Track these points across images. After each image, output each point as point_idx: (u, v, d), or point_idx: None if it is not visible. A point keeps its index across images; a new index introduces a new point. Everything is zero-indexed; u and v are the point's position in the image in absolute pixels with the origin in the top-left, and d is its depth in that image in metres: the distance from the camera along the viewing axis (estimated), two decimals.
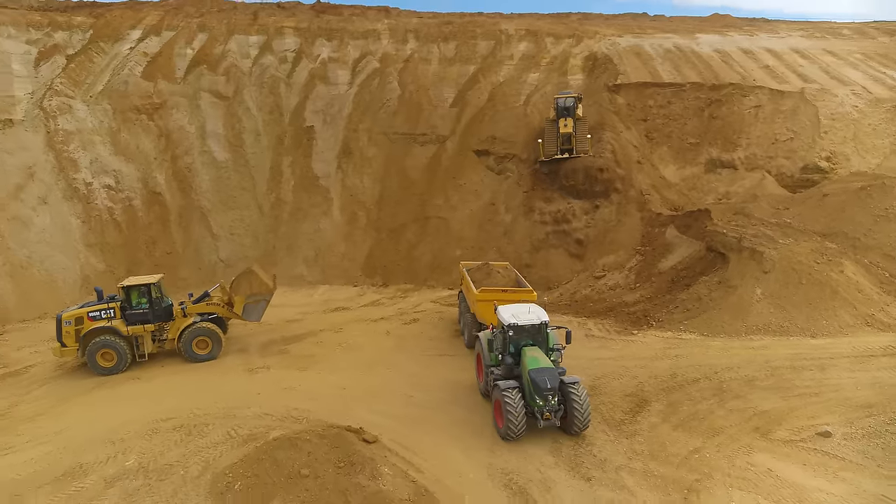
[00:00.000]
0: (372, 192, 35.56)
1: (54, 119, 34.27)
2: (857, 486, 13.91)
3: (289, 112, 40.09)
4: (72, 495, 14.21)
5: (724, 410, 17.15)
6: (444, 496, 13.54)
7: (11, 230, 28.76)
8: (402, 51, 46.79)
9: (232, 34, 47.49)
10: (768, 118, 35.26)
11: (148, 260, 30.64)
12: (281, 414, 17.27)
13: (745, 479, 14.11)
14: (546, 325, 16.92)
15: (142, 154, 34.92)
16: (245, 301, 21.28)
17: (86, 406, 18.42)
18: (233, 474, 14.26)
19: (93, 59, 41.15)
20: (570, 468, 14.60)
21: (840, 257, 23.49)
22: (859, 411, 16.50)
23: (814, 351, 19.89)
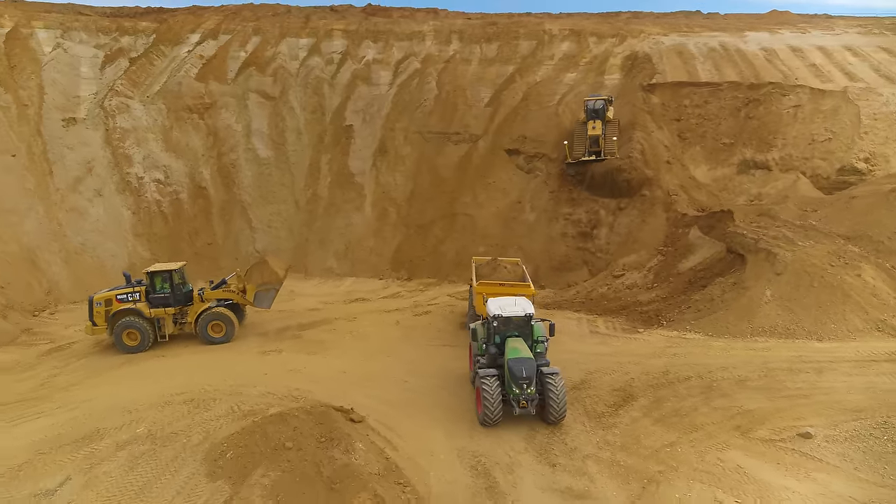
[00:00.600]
0: (404, 189, 36.69)
1: (113, 118, 36.98)
2: (826, 486, 13.92)
3: (331, 111, 41.73)
4: (86, 455, 15.80)
5: (709, 408, 17.29)
6: (411, 472, 14.40)
7: (69, 220, 31.41)
8: (444, 52, 47.78)
9: (284, 37, 49.66)
10: (807, 118, 34.30)
11: (190, 249, 32.78)
12: (282, 393, 18.51)
13: (710, 473, 14.34)
14: (530, 317, 17.50)
15: (190, 150, 37.23)
16: (256, 289, 22.76)
17: (113, 379, 20.23)
18: (227, 444, 15.52)
19: (153, 62, 43.96)
20: (539, 454, 15.18)
21: (859, 261, 22.95)
22: (846, 415, 16.33)
23: (815, 354, 19.64)
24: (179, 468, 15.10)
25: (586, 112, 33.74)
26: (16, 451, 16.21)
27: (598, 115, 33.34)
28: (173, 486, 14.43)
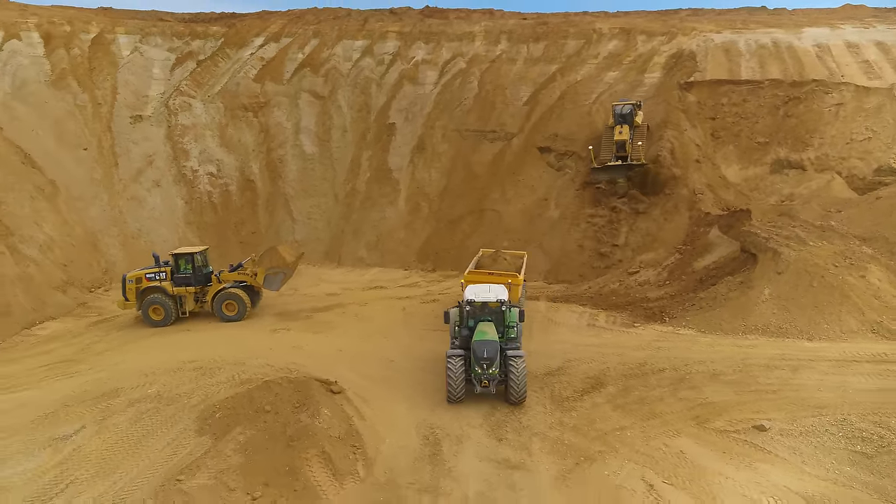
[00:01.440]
0: (437, 185, 38.05)
1: (175, 115, 40.33)
2: (764, 476, 14.23)
3: (376, 110, 43.62)
4: (102, 409, 18.09)
5: (674, 398, 17.73)
6: (368, 437, 15.77)
7: (129, 207, 34.72)
8: (491, 51, 48.77)
9: (340, 39, 52.07)
10: (848, 116, 33.14)
11: (235, 238, 35.46)
12: (280, 366, 20.30)
13: (649, 456, 14.93)
14: (502, 303, 18.47)
15: (242, 146, 40.06)
16: (266, 273, 24.76)
17: (139, 348, 22.71)
18: (219, 406, 17.40)
19: (217, 64, 47.32)
20: (491, 430, 16.20)
21: (867, 262, 22.45)
22: (808, 411, 16.41)
23: (799, 353, 19.56)
24: (175, 424, 17.09)
25: (614, 117, 33.97)
26: (48, 402, 18.74)
27: (625, 120, 33.47)
28: (166, 438, 16.40)
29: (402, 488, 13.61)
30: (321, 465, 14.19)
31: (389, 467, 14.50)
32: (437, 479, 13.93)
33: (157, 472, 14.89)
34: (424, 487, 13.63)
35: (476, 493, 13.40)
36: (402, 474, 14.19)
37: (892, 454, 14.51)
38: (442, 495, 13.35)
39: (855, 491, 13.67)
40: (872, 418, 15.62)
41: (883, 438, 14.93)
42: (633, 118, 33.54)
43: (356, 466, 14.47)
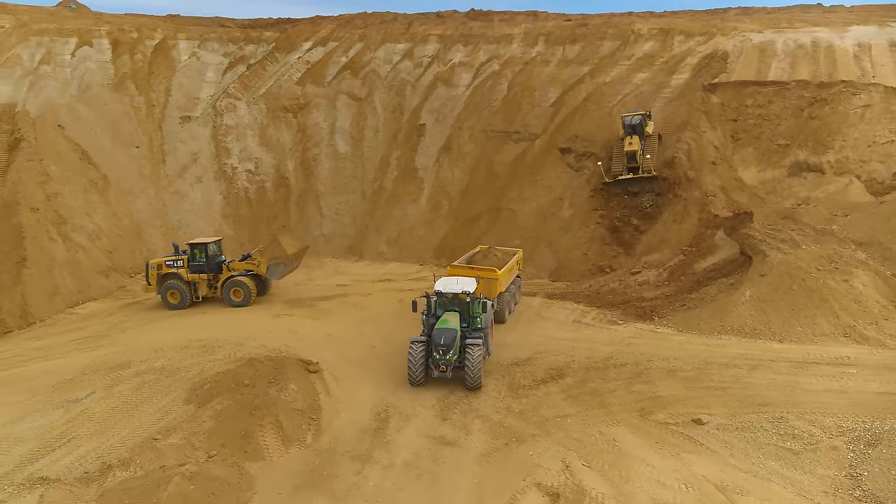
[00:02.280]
0: (459, 184, 39.33)
1: (221, 116, 43.32)
2: (687, 466, 14.90)
3: (409, 111, 45.31)
4: (112, 378, 20.43)
5: (625, 391, 18.45)
6: (327, 411, 17.40)
7: (172, 201, 37.76)
8: (527, 53, 49.56)
9: (384, 42, 54.08)
10: (874, 118, 32.19)
11: (266, 231, 37.84)
12: (273, 347, 22.17)
13: (579, 441, 15.83)
14: (467, 294, 19.65)
15: (280, 145, 42.60)
16: (268, 263, 26.80)
17: (157, 328, 25.14)
18: (209, 380, 19.41)
19: (265, 68, 50.21)
20: (440, 410, 17.48)
21: (855, 266, 22.26)
22: (750, 407, 16.84)
23: (763, 353, 19.81)
24: (169, 393, 19.20)
25: (624, 128, 33.97)
26: (69, 370, 21.31)
27: (634, 131, 33.39)
28: (159, 405, 18.52)
29: (338, 455, 15.10)
30: (273, 431, 15.88)
31: (335, 437, 16.03)
32: (373, 450, 15.35)
33: (144, 433, 16.94)
34: (358, 455, 15.08)
35: (402, 463, 14.74)
36: (343, 444, 15.69)
37: (817, 452, 14.88)
38: (371, 463, 14.75)
39: (771, 484, 14.17)
40: (809, 417, 15.95)
41: (813, 437, 15.29)
42: (643, 128, 33.43)
43: (306, 435, 16.09)
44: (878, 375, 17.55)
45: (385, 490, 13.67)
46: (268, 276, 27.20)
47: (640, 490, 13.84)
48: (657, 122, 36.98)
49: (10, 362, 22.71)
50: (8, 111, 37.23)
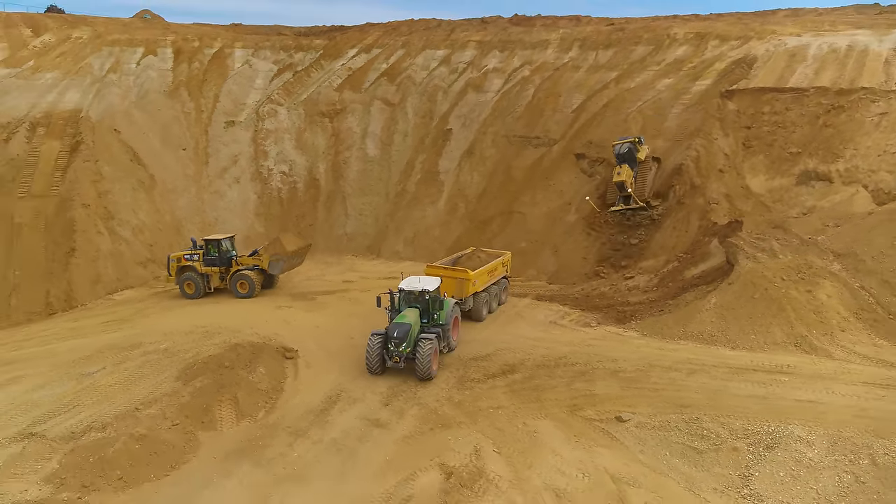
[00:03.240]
0: (478, 187, 40.77)
1: (262, 121, 46.49)
2: (593, 458, 16.05)
3: (438, 116, 47.08)
4: (122, 356, 23.15)
5: (565, 388, 19.58)
6: (288, 393, 19.51)
7: (210, 200, 41.06)
8: (560, 59, 50.40)
9: (424, 49, 56.11)
10: (890, 126, 31.32)
11: (294, 229, 40.50)
12: (264, 335, 24.46)
13: (500, 430, 17.18)
14: (427, 293, 21.24)
15: (314, 149, 45.30)
16: (269, 259, 29.18)
17: (173, 314, 28.01)
18: (200, 361, 21.83)
19: (310, 74, 53.22)
20: (387, 397, 19.18)
21: (823, 277, 22.41)
22: (673, 408, 17.68)
23: (710, 359, 20.42)
24: (165, 371, 21.70)
25: (615, 157, 33.97)
26: (90, 348, 24.26)
27: (624, 160, 33.33)
28: (153, 381, 21.01)
29: (279, 430, 17.09)
30: (230, 406, 18.08)
31: (284, 415, 18.05)
32: (311, 427, 17.25)
33: (133, 403, 19.49)
34: (295, 431, 17.02)
35: (330, 439, 16.56)
36: (287, 420, 17.68)
37: (719, 452, 15.69)
38: (303, 437, 16.65)
39: (667, 479, 15.15)
40: (722, 420, 16.68)
41: (719, 437, 16.06)
42: (633, 156, 33.40)
43: (259, 412, 18.20)
44: (806, 384, 17.95)
45: (305, 460, 15.54)
46: (269, 271, 29.64)
47: (537, 476, 15.10)
48: (671, 131, 37.28)
49: (46, 339, 26.03)
50: (73, 117, 41.46)
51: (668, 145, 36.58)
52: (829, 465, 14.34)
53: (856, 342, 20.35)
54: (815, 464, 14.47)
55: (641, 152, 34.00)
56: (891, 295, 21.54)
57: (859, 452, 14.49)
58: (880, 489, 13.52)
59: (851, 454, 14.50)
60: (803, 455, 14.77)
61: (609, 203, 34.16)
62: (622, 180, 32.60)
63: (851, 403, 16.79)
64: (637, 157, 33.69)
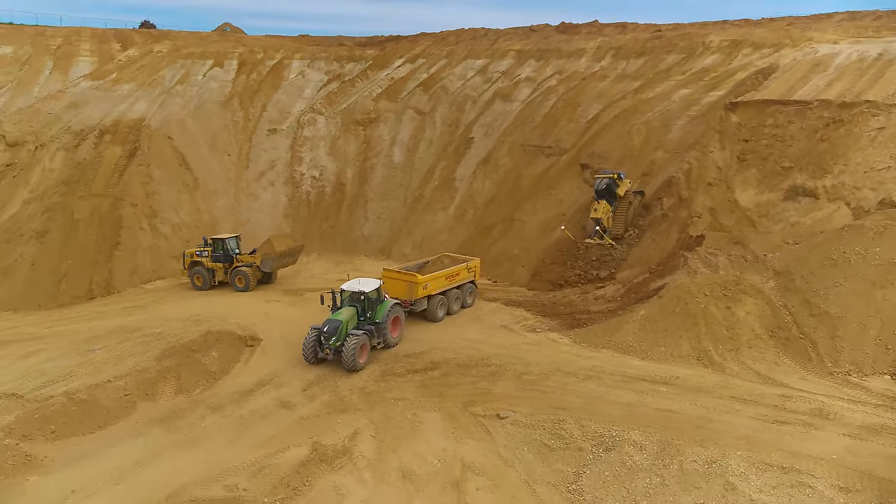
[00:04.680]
0: (487, 195, 42.55)
1: (302, 129, 50.42)
2: (458, 448, 17.89)
3: (463, 125, 49.19)
4: (123, 337, 27.02)
5: (470, 386, 21.41)
6: (233, 375, 22.54)
7: (245, 201, 45.30)
8: (591, 68, 51.27)
9: (466, 59, 58.47)
10: (884, 142, 30.29)
11: (317, 230, 44.05)
12: (241, 325, 27.80)
13: (389, 418, 19.32)
14: (363, 293, 23.63)
15: (345, 155, 48.66)
16: (262, 257, 32.50)
17: (180, 303, 31.92)
18: (178, 345, 25.35)
19: (354, 85, 56.82)
20: (309, 384, 21.75)
21: (748, 295, 22.85)
22: (549, 410, 19.13)
23: (613, 368, 21.56)
24: (149, 352, 25.30)
25: (595, 192, 34.40)
26: (103, 330, 28.43)
27: (603, 196, 33.87)
28: (137, 360, 24.57)
29: (202, 404, 20.08)
30: (174, 382, 21.32)
31: (215, 393, 21.05)
32: (229, 403, 20.13)
33: (111, 376, 23.16)
34: (215, 406, 19.95)
35: (239, 415, 19.35)
36: (214, 398, 20.65)
37: (567, 451, 17.15)
38: (218, 412, 19.54)
39: (512, 470, 16.82)
40: (583, 423, 18.03)
41: (572, 438, 17.49)
42: (612, 192, 33.83)
43: (196, 388, 21.32)
44: (679, 395, 18.90)
45: (207, 430, 18.41)
46: (262, 269, 33.06)
47: (396, 459, 17.18)
48: (672, 143, 37.57)
49: (73, 320, 30.62)
50: (137, 125, 46.99)
51: (666, 157, 36.95)
52: (647, 468, 15.47)
53: (757, 359, 20.79)
54: (637, 466, 15.65)
55: (621, 188, 34.36)
56: (808, 315, 21.66)
57: (675, 458, 15.52)
58: (677, 492, 14.60)
59: (668, 459, 15.55)
60: (631, 458, 15.96)
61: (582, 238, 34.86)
62: (598, 217, 33.46)
63: (701, 415, 17.64)
64: (616, 192, 34.16)
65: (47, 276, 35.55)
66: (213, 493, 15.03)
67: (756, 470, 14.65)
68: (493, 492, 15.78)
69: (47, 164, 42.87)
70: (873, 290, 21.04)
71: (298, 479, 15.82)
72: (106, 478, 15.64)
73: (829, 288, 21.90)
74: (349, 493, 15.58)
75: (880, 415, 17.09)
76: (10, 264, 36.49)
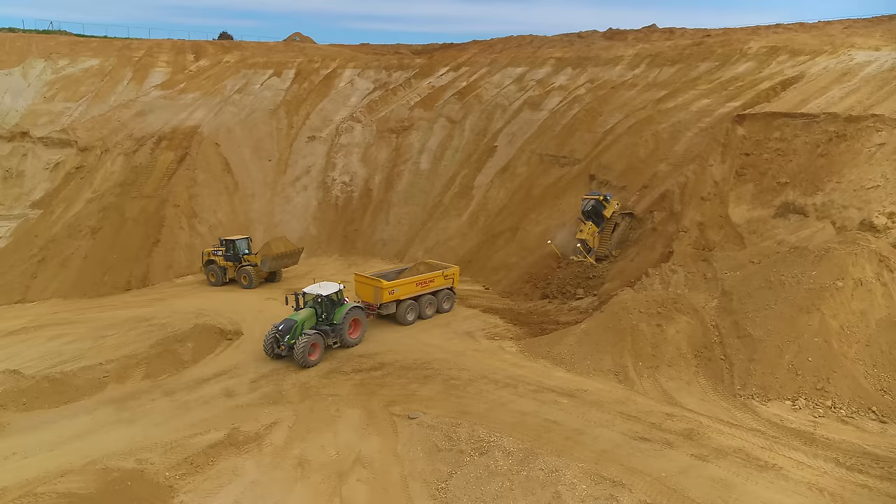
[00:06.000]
0: (500, 203, 43.61)
1: (339, 136, 53.33)
2: (361, 442, 19.51)
3: (490, 134, 50.38)
4: (132, 326, 30.58)
5: (400, 387, 22.95)
6: (200, 365, 25.16)
7: (278, 203, 48.64)
8: (623, 76, 51.18)
9: (506, 67, 59.59)
10: (880, 159, 28.86)
11: (341, 233, 46.69)
12: (234, 320, 30.73)
13: (314, 412, 21.21)
14: (320, 296, 25.69)
15: (376, 162, 51.08)
16: (261, 258, 35.25)
17: (194, 297, 35.34)
18: (172, 335, 28.51)
19: (396, 93, 59.26)
20: (260, 377, 24.02)
21: (683, 314, 23.01)
22: (456, 414, 20.41)
23: (534, 377, 22.47)
24: (149, 340, 28.46)
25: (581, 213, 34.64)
26: (121, 318, 32.15)
27: (589, 216, 33.98)
28: (136, 346, 27.79)
29: (159, 389, 22.74)
30: (143, 367, 24.22)
31: (176, 380, 23.76)
32: (181, 390, 22.72)
33: (108, 358, 26.44)
34: (169, 391, 22.60)
35: (185, 400, 21.84)
36: (173, 384, 23.32)
37: (451, 452, 18.39)
38: (169, 396, 22.14)
39: (398, 466, 18.26)
40: (475, 427, 19.21)
41: (460, 440, 18.73)
42: (599, 213, 33.98)
43: (162, 374, 24.11)
44: (575, 408, 19.64)
45: (150, 411, 21.00)
46: (261, 267, 35.96)
47: (301, 447, 19.05)
48: (677, 155, 37.23)
49: (102, 309, 34.64)
50: (191, 132, 51.57)
51: (668, 169, 36.66)
52: (503, 473, 16.51)
53: (672, 378, 21.03)
54: (497, 471, 16.72)
55: (608, 209, 34.46)
56: (735, 336, 21.57)
57: (529, 466, 16.46)
58: (518, 496, 15.58)
59: (524, 466, 16.51)
60: (496, 462, 17.05)
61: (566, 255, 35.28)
62: (584, 238, 33.92)
63: (578, 427, 18.31)
64: (603, 213, 34.36)
65: (95, 269, 40.02)
66: (125, 464, 17.50)
67: (589, 481, 15.40)
68: (370, 484, 17.30)
69: (109, 168, 47.98)
70: (799, 314, 20.73)
71: (204, 458, 18.02)
72: (45, 445, 18.51)
73: (760, 310, 21.73)
74: (243, 474, 17.60)
75: (743, 438, 17.18)
76: (67, 256, 41.28)
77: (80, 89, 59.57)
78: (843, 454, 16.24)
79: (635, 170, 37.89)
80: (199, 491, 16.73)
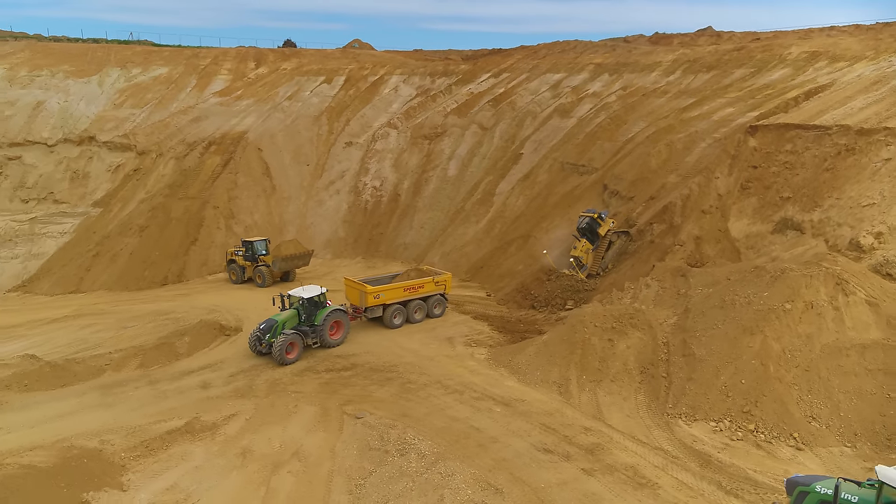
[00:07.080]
0: (517, 210, 44.11)
1: (374, 142, 55.26)
2: (304, 435, 21.01)
3: (519, 141, 50.86)
4: (151, 319, 33.53)
5: (359, 387, 24.27)
6: (193, 358, 27.42)
7: (311, 206, 51.03)
8: (656, 83, 50.53)
9: (546, 73, 59.80)
10: (883, 175, 27.44)
11: (366, 235, 48.47)
12: (239, 316, 33.00)
13: (272, 406, 22.84)
14: (302, 299, 27.38)
15: (407, 167, 52.62)
16: (273, 258, 37.35)
17: (214, 294, 38.01)
18: (181, 329, 31.14)
19: (436, 99, 60.65)
20: (242, 370, 25.95)
21: (637, 329, 23.12)
22: (397, 416, 21.50)
23: (486, 385, 23.18)
24: (162, 332, 31.20)
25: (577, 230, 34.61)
26: (144, 311, 35.21)
27: (584, 234, 33.87)
28: (149, 337, 30.52)
29: (145, 378, 25.03)
30: (140, 358, 26.66)
31: (165, 370, 26.04)
32: (163, 380, 24.91)
33: (119, 347, 29.22)
34: (153, 381, 24.83)
35: (164, 389, 23.98)
36: (160, 374, 25.58)
37: (378, 451, 19.54)
38: (151, 385, 24.37)
39: (330, 461, 19.60)
40: (407, 430, 20.28)
41: (389, 443, 19.83)
42: (593, 230, 33.85)
43: (155, 365, 26.48)
44: (503, 417, 20.43)
45: (131, 397, 23.24)
46: (272, 268, 38.17)
47: (250, 438, 20.67)
48: (688, 166, 36.66)
49: (133, 302, 37.89)
50: (238, 137, 54.90)
51: (677, 181, 36.15)
52: (411, 474, 17.41)
53: (612, 393, 21.20)
54: (407, 472, 17.68)
55: (603, 227, 34.33)
56: (681, 354, 21.46)
57: (435, 469, 17.35)
58: (414, 497, 16.55)
59: (430, 469, 17.41)
60: (409, 464, 18.04)
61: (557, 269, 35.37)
62: (578, 255, 34.08)
63: (493, 435, 18.94)
64: (598, 231, 34.30)
65: (139, 264, 43.61)
66: (89, 443, 19.70)
67: (475, 487, 16.15)
68: (298, 476, 18.70)
69: (161, 170, 51.87)
70: (742, 335, 20.44)
71: (160, 443, 20.00)
72: (29, 423, 21.02)
73: (707, 329, 21.56)
74: (190, 459, 19.41)
75: (642, 456, 17.35)
76: (117, 252, 45.14)
77: (146, 96, 64.30)
78: (729, 478, 16.18)
79: (645, 180, 37.56)
80: (147, 472, 18.63)
